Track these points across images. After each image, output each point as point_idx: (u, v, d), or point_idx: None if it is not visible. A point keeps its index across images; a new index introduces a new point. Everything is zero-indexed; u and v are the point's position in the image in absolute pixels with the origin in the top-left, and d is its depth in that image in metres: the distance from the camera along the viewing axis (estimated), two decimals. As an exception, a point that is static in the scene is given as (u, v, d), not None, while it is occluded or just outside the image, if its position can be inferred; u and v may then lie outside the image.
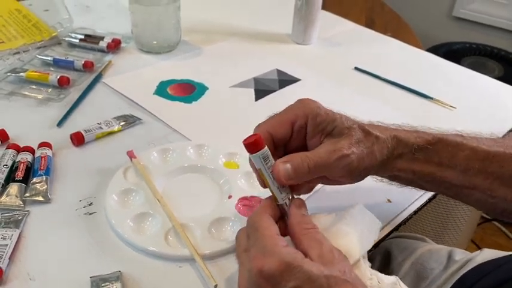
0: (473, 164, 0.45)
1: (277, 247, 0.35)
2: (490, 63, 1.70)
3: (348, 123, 0.43)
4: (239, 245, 0.39)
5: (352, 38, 0.96)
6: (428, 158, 0.45)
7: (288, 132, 0.44)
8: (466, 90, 0.80)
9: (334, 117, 0.43)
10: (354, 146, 0.42)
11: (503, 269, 0.50)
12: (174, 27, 0.84)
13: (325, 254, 0.36)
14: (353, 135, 0.42)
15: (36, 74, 0.72)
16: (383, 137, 0.44)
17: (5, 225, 0.48)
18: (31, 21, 0.90)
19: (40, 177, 0.53)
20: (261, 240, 0.36)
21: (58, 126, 0.64)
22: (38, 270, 0.44)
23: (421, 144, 0.45)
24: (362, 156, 0.42)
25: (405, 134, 0.45)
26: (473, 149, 0.45)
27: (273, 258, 0.34)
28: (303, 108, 0.44)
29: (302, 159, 0.41)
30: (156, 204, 0.51)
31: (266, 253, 0.35)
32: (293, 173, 0.40)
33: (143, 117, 0.66)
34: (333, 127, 0.43)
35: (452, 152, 0.45)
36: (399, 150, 0.44)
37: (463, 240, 1.07)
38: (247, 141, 0.40)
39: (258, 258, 0.35)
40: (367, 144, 0.43)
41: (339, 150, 0.41)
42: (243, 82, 0.78)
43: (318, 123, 0.43)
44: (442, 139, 0.45)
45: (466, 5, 1.84)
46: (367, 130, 0.43)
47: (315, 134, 0.43)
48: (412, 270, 0.59)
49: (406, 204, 0.55)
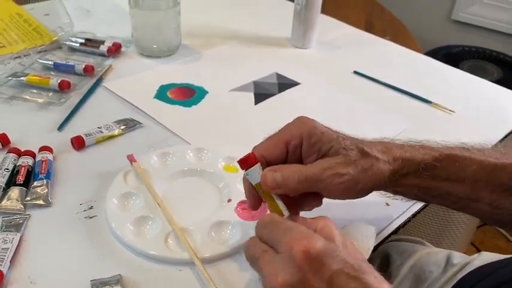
0: (480, 177, 0.44)
1: (314, 233, 0.35)
2: (489, 66, 1.70)
3: (345, 143, 0.42)
4: (254, 249, 0.38)
5: (352, 42, 0.97)
6: (435, 175, 0.44)
7: (282, 152, 0.43)
8: (465, 94, 0.80)
9: (330, 137, 0.42)
10: (350, 167, 0.41)
11: (501, 272, 0.50)
12: (174, 31, 0.84)
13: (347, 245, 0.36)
14: (350, 156, 0.41)
15: (37, 78, 0.72)
16: (384, 159, 0.43)
17: (6, 228, 0.48)
18: (32, 25, 0.91)
19: (41, 181, 0.53)
20: (295, 227, 0.36)
21: (59, 130, 0.64)
22: (38, 273, 0.44)
23: (428, 162, 0.44)
24: (357, 177, 0.41)
25: (411, 153, 0.44)
26: (481, 162, 0.45)
27: (316, 239, 0.34)
28: (298, 128, 0.43)
29: (293, 171, 0.41)
30: (156, 208, 0.51)
31: (308, 235, 0.35)
32: (281, 182, 0.40)
33: (143, 121, 0.67)
34: (329, 147, 0.42)
35: (460, 167, 0.44)
36: (405, 170, 0.43)
37: (463, 243, 1.07)
38: (240, 159, 0.41)
39: (301, 241, 0.34)
40: (365, 165, 0.42)
41: (333, 168, 0.41)
42: (243, 86, 0.78)
43: (312, 143, 0.42)
44: (450, 155, 0.44)
45: (465, 8, 1.84)
46: (366, 152, 0.42)
47: (311, 154, 0.43)
48: (411, 273, 0.59)
49: (405, 208, 0.56)
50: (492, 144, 0.67)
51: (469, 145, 0.47)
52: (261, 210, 0.51)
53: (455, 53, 1.74)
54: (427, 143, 0.47)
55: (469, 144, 0.47)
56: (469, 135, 0.67)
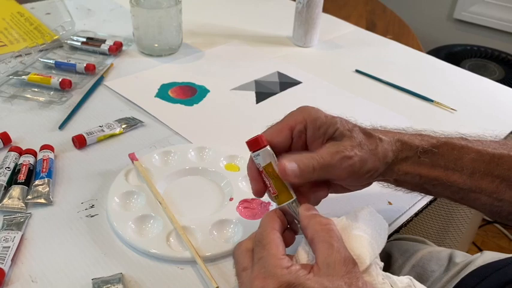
0: (479, 166, 0.44)
1: (279, 269, 0.35)
2: (491, 65, 1.70)
3: (348, 125, 0.43)
4: (238, 263, 0.38)
5: (353, 41, 0.97)
6: (434, 162, 0.45)
7: (287, 138, 0.43)
8: (467, 93, 0.80)
9: (334, 120, 0.43)
10: (356, 148, 0.42)
11: (504, 272, 0.50)
12: (175, 30, 0.84)
13: (332, 263, 0.35)
14: (355, 137, 0.42)
15: (38, 77, 0.72)
16: (387, 139, 0.44)
17: (7, 227, 0.48)
18: (33, 24, 0.91)
19: (42, 180, 0.53)
20: (265, 259, 0.36)
21: (60, 128, 0.64)
22: (40, 272, 0.44)
23: (426, 147, 0.44)
24: (365, 157, 0.42)
25: (409, 137, 0.45)
26: (478, 151, 0.45)
27: (272, 280, 0.34)
28: (301, 114, 0.44)
29: (307, 159, 0.41)
30: (157, 206, 0.51)
31: (266, 274, 0.35)
32: (299, 172, 0.40)
33: (145, 119, 0.67)
34: (334, 130, 0.42)
35: (458, 155, 0.45)
36: (404, 153, 0.44)
37: (464, 243, 1.07)
38: (249, 140, 0.41)
39: (259, 279, 0.35)
40: (370, 146, 0.43)
41: (341, 152, 0.41)
42: (244, 85, 0.78)
43: (318, 126, 0.43)
44: (447, 142, 0.45)
45: (467, 7, 1.84)
46: (369, 132, 0.43)
47: (316, 138, 0.43)
48: (413, 272, 0.59)
49: (407, 207, 0.55)
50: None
51: (467, 135, 0.48)
52: (262, 210, 0.51)
53: (457, 52, 1.74)
54: (424, 131, 0.47)
55: (467, 135, 0.48)
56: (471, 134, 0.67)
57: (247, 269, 0.37)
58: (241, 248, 0.39)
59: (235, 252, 0.39)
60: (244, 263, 0.38)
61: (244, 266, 0.37)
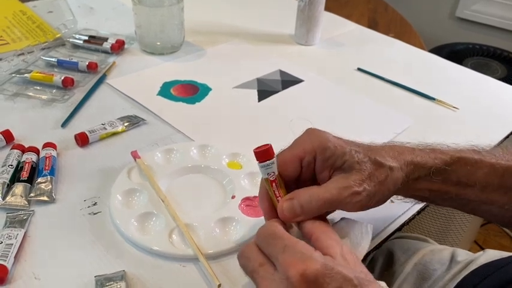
0: (492, 180, 0.44)
1: (313, 251, 0.35)
2: (493, 64, 1.69)
3: (358, 156, 0.41)
4: (252, 260, 0.37)
5: (355, 39, 0.96)
6: (446, 178, 0.44)
7: (297, 169, 0.42)
8: (469, 91, 0.80)
9: (343, 150, 0.41)
10: (365, 182, 0.40)
11: (505, 270, 0.50)
12: (177, 28, 0.84)
13: (345, 255, 0.36)
14: (364, 170, 0.40)
15: (40, 75, 0.72)
16: (397, 166, 0.42)
17: (10, 224, 0.48)
18: (35, 22, 0.91)
19: (45, 177, 0.53)
20: (292, 246, 0.35)
21: (62, 126, 0.64)
22: (42, 269, 0.45)
23: (439, 166, 0.43)
24: (373, 191, 0.41)
25: (422, 157, 0.43)
26: (492, 165, 0.44)
27: (313, 261, 0.34)
28: (311, 142, 0.42)
29: (310, 196, 0.40)
30: (160, 204, 0.51)
31: (304, 257, 0.34)
32: (300, 210, 0.39)
33: (147, 117, 0.67)
34: (342, 161, 0.41)
35: (471, 170, 0.44)
36: (416, 174, 0.43)
37: (466, 241, 1.07)
38: (258, 151, 0.40)
39: (297, 264, 0.34)
40: (379, 177, 0.41)
41: (350, 187, 0.40)
42: (246, 83, 0.78)
43: (326, 157, 0.41)
44: (460, 158, 0.44)
45: (470, 5, 1.84)
46: (379, 162, 0.41)
47: (324, 169, 0.42)
48: (415, 271, 0.59)
49: (409, 205, 0.55)
50: (497, 142, 0.67)
51: (479, 147, 0.46)
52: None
53: (459, 51, 1.74)
54: (437, 146, 0.46)
55: (480, 147, 0.47)
56: (473, 133, 0.67)
57: (265, 264, 0.36)
58: (249, 246, 0.39)
59: (244, 251, 0.39)
60: (259, 258, 0.37)
61: (260, 261, 0.37)
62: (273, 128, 0.67)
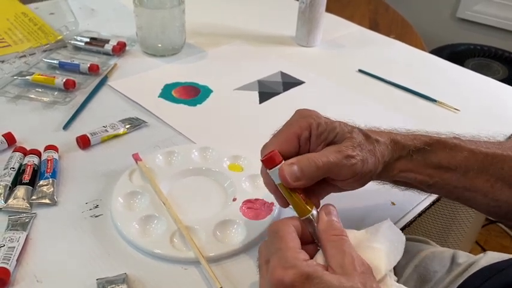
0: (472, 165, 0.45)
1: (298, 260, 0.35)
2: (495, 65, 1.69)
3: (347, 128, 0.44)
4: (261, 256, 0.39)
5: (356, 40, 0.96)
6: (427, 160, 0.45)
7: (296, 146, 0.44)
8: (470, 93, 0.80)
9: (333, 125, 0.44)
10: (357, 149, 0.42)
11: (507, 273, 0.50)
12: (178, 30, 0.84)
13: (346, 265, 0.36)
14: (355, 138, 0.43)
15: (42, 77, 0.72)
16: (382, 140, 0.44)
17: (12, 227, 0.48)
18: (37, 24, 0.91)
19: (47, 180, 0.53)
20: (283, 251, 0.36)
21: (64, 129, 0.64)
22: (44, 272, 0.45)
23: (419, 146, 0.45)
24: (366, 157, 0.42)
25: (402, 137, 0.46)
26: (471, 150, 0.45)
27: (293, 270, 0.34)
28: (305, 120, 0.44)
29: (309, 160, 0.41)
30: (161, 206, 0.51)
31: (286, 265, 0.35)
32: (300, 174, 0.41)
33: (148, 120, 0.67)
34: (334, 134, 0.43)
35: (451, 153, 0.45)
36: (397, 153, 0.45)
37: (467, 242, 1.07)
38: (265, 158, 0.41)
39: (278, 269, 0.35)
40: (368, 147, 0.43)
41: (344, 151, 0.42)
42: (247, 85, 0.78)
43: (320, 132, 0.43)
44: (440, 141, 0.46)
45: (471, 6, 1.83)
46: (367, 133, 0.44)
47: (319, 144, 0.44)
48: (415, 273, 0.59)
49: (410, 207, 0.56)
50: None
51: (460, 135, 0.48)
52: (265, 210, 0.51)
53: (460, 52, 1.73)
54: (417, 131, 0.48)
55: (461, 135, 0.48)
56: (474, 134, 0.67)
57: (268, 262, 0.37)
58: (264, 241, 0.40)
59: (260, 245, 0.40)
60: (266, 255, 0.38)
61: (267, 258, 0.38)
62: (274, 130, 0.67)
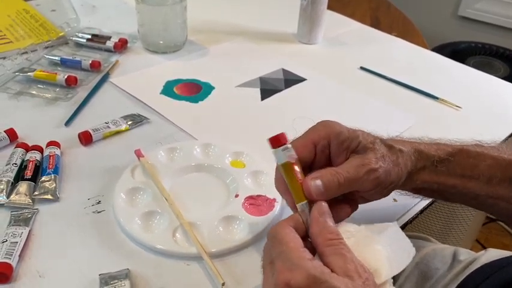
0: (495, 173, 0.45)
1: (304, 260, 0.35)
2: (496, 63, 1.69)
3: (370, 138, 0.43)
4: (265, 257, 0.39)
5: (358, 38, 0.96)
6: (450, 170, 0.45)
7: (311, 153, 0.44)
8: (472, 90, 0.80)
9: (356, 134, 0.43)
10: (380, 160, 0.42)
11: (507, 270, 0.50)
12: (180, 27, 0.84)
13: (349, 271, 0.35)
14: (378, 149, 0.43)
15: (44, 74, 0.72)
16: (406, 150, 0.44)
17: (14, 223, 0.48)
18: (38, 21, 0.91)
19: (49, 176, 0.53)
20: (286, 253, 0.36)
21: (66, 125, 0.64)
22: (47, 267, 0.45)
23: (442, 156, 0.45)
24: (389, 169, 0.42)
25: (425, 147, 0.45)
26: (494, 158, 0.45)
27: (299, 272, 0.34)
28: (324, 129, 0.44)
29: (332, 175, 0.41)
30: (163, 202, 0.51)
31: (292, 266, 0.34)
32: (324, 189, 0.40)
33: (150, 116, 0.67)
34: (357, 143, 0.43)
35: (474, 162, 0.45)
36: (421, 163, 0.45)
37: (468, 240, 1.07)
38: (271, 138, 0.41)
39: (284, 272, 0.34)
40: (392, 158, 0.43)
41: (367, 164, 0.41)
42: (249, 82, 0.78)
43: (341, 141, 0.43)
44: (463, 150, 0.45)
45: (472, 4, 1.83)
46: (390, 144, 0.44)
47: (340, 153, 0.43)
48: (417, 270, 0.59)
49: (412, 204, 0.56)
50: (500, 140, 0.67)
51: (483, 142, 0.48)
52: (268, 207, 0.51)
53: (462, 49, 1.73)
54: (439, 140, 0.47)
55: (483, 142, 0.48)
56: (476, 131, 0.67)
57: (272, 263, 0.37)
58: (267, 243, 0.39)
59: (264, 245, 0.39)
60: (270, 257, 0.38)
61: (270, 260, 0.37)
62: (276, 127, 0.66)
